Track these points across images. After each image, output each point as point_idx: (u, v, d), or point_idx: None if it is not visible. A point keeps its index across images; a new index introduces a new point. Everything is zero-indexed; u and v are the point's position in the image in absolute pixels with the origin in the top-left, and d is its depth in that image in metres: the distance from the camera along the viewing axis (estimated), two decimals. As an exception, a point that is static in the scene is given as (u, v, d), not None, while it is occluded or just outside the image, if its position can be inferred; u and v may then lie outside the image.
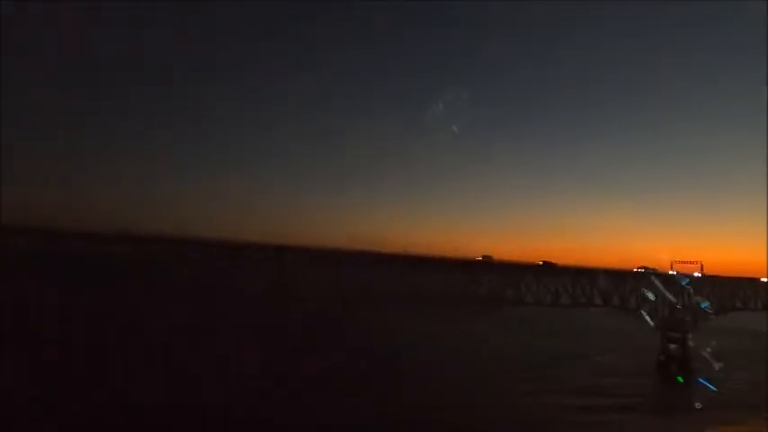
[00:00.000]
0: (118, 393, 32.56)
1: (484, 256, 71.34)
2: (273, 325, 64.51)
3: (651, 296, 60.53)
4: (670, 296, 59.80)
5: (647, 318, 59.88)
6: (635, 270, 65.05)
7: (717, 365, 55.00)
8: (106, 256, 71.27)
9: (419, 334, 65.10)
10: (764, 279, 67.87)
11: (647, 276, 64.17)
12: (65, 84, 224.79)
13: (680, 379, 54.59)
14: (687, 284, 65.67)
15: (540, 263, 66.49)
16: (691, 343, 57.72)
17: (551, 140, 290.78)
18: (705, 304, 62.53)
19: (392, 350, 56.10)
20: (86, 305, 62.95)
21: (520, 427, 35.66)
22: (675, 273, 62.90)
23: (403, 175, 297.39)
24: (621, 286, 60.76)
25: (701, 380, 51.97)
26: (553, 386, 46.65)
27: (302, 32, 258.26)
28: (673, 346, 59.42)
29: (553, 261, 67.83)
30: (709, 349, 57.00)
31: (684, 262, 61.08)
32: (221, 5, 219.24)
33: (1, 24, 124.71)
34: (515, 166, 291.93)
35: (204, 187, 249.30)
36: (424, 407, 36.20)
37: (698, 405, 43.50)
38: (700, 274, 62.00)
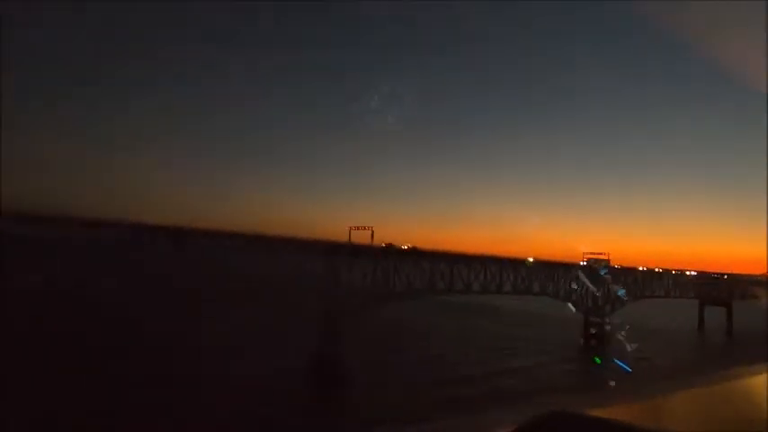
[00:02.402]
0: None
1: (387, 245, 69.30)
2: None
3: (575, 285, 67.02)
4: (591, 285, 66.54)
5: (572, 306, 66.33)
6: (587, 258, 69.93)
7: (630, 347, 61.56)
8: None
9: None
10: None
11: (576, 267, 70.46)
12: None
13: (597, 360, 60.49)
14: (606, 274, 73.14)
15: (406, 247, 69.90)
16: (608, 327, 64.69)
17: (481, 133, 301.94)
18: (621, 292, 70.19)
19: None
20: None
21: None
22: (587, 263, 68.67)
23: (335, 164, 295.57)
24: (557, 276, 66.60)
25: (616, 360, 58.01)
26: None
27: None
28: (593, 330, 66.38)
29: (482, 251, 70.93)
30: (623, 333, 63.88)
31: (595, 254, 67.97)
32: None
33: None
34: (449, 159, 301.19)
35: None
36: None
37: (612, 383, 48.45)
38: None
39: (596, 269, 67.96)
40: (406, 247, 72.52)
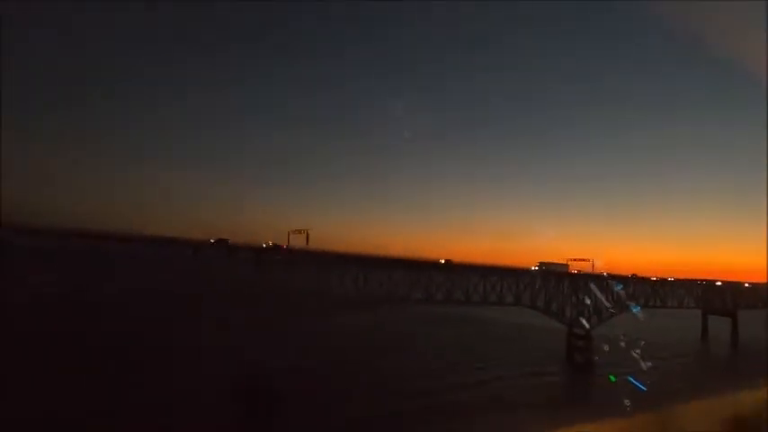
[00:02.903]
0: None
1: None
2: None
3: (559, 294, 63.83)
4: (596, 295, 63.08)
5: (555, 316, 63.00)
6: (540, 264, 67.31)
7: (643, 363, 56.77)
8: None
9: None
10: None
11: (553, 274, 67.23)
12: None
13: (612, 378, 53.96)
14: (621, 289, 69.32)
15: (443, 261, 67.03)
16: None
17: (460, 144, 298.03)
18: (636, 307, 65.81)
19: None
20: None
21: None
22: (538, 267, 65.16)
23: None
24: (531, 285, 63.46)
25: (631, 378, 51.98)
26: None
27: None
28: (578, 342, 62.88)
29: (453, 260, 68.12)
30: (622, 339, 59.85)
31: (578, 259, 64.48)
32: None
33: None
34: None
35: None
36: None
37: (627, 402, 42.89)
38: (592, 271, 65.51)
39: (611, 285, 65.13)
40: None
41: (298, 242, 63.01)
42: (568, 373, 59.14)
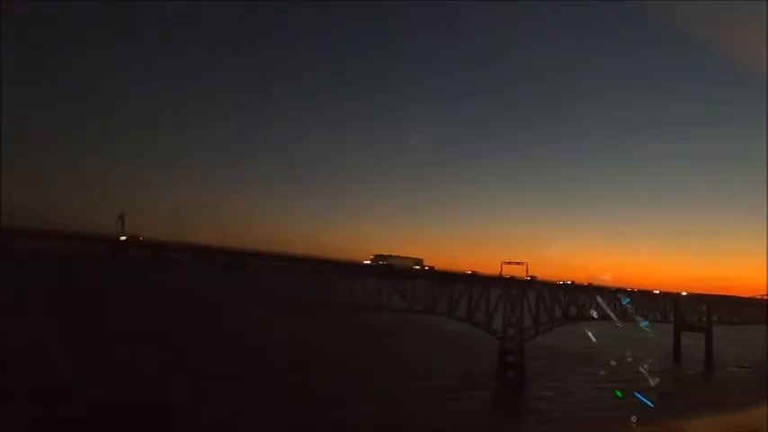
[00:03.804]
0: None
1: None
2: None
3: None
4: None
5: (483, 327, 55.98)
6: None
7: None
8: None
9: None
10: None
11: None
12: None
13: (618, 393, 48.73)
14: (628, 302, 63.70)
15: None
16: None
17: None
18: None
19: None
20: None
21: None
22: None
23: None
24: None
25: (637, 394, 46.08)
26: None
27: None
28: (511, 357, 55.61)
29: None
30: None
31: (512, 263, 57.52)
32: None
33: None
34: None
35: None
36: None
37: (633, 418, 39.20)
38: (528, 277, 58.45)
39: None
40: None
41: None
42: (494, 393, 51.99)
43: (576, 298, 62.36)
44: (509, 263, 57.70)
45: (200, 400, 36.83)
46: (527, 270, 57.04)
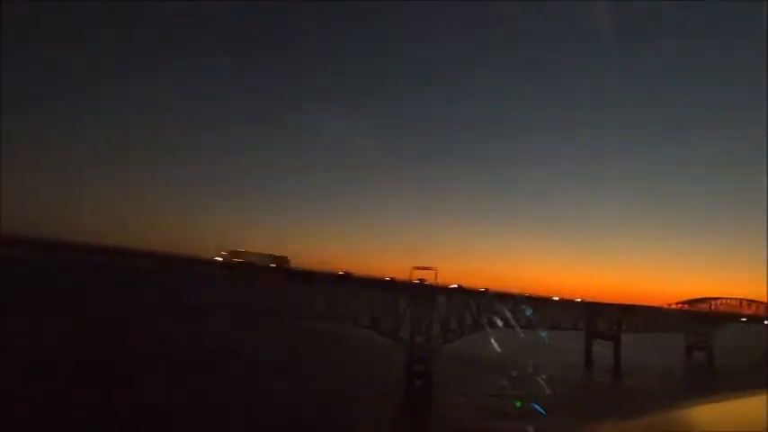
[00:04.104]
0: None
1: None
2: None
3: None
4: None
5: (389, 335, 54.16)
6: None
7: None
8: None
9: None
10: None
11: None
12: None
13: (519, 404, 48.87)
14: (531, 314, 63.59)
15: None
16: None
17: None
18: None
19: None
20: None
21: None
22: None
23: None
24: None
25: (535, 404, 47.82)
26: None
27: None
28: (418, 367, 54.05)
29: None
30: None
31: (422, 268, 56.05)
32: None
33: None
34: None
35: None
36: None
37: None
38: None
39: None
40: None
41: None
42: (400, 404, 49.95)
43: (491, 305, 61.73)
44: (419, 268, 56.05)
45: None
46: (436, 275, 55.52)
